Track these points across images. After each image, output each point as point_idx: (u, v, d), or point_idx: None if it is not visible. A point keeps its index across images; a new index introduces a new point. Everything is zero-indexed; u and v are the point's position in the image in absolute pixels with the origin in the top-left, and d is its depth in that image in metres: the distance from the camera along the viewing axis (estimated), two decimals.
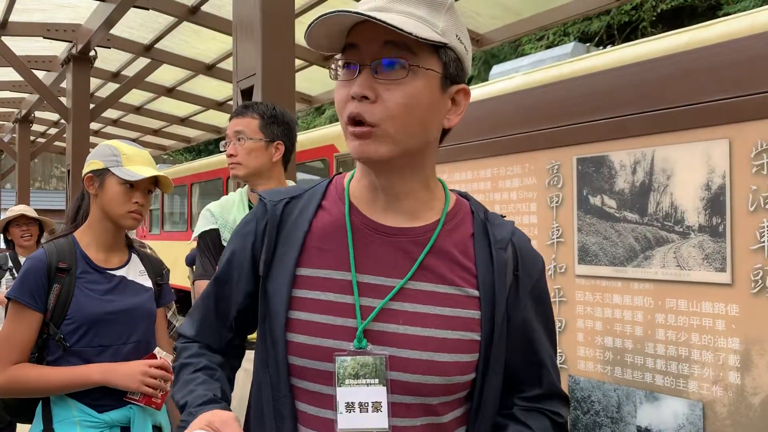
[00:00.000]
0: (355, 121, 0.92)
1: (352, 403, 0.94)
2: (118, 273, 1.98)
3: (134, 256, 2.07)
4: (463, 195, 1.11)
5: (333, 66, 0.96)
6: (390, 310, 0.96)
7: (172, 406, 2.20)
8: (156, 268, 2.11)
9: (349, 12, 0.87)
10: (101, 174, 1.94)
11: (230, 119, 2.21)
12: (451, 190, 1.09)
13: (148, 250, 3.01)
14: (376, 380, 0.94)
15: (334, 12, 0.88)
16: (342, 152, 3.48)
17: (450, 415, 0.99)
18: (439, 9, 0.94)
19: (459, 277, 0.99)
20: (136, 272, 2.03)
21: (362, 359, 0.94)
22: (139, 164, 1.93)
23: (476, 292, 0.98)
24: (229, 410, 0.98)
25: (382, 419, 0.93)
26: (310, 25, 0.91)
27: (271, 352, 0.99)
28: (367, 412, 0.94)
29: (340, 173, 1.11)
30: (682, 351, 1.25)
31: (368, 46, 0.92)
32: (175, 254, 7.53)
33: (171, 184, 2.03)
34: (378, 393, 0.94)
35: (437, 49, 0.93)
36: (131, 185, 1.92)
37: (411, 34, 0.87)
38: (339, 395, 0.94)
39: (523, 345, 1.04)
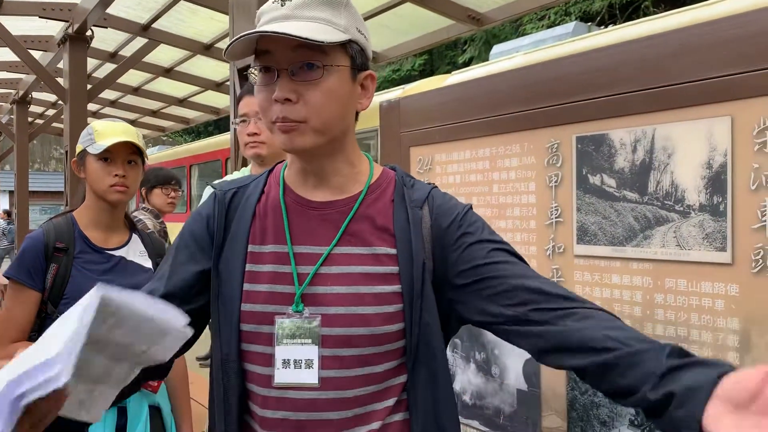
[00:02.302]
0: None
1: (287, 360, 1.06)
2: (117, 253, 1.98)
3: (135, 236, 2.07)
4: (392, 168, 1.21)
5: (252, 72, 1.07)
6: (321, 275, 1.08)
7: (173, 389, 2.20)
8: (158, 249, 2.11)
9: (266, 32, 0.98)
10: (82, 156, 1.95)
11: (241, 98, 2.15)
12: (384, 165, 1.22)
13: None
14: (310, 340, 1.06)
15: (253, 32, 1.00)
16: None
17: (385, 365, 1.08)
18: (339, 8, 1.05)
19: (378, 238, 1.10)
20: (136, 252, 2.03)
21: (298, 321, 1.06)
22: (110, 137, 1.91)
23: (393, 250, 1.09)
24: None
25: (312, 375, 1.06)
26: (229, 45, 1.02)
27: (224, 322, 1.10)
28: (300, 368, 1.06)
29: (281, 161, 1.23)
30: (681, 331, 1.24)
31: (282, 52, 1.02)
32: (174, 236, 7.52)
33: (144, 148, 2.00)
34: (311, 351, 1.06)
35: (343, 45, 1.05)
36: (107, 159, 1.92)
37: (323, 42, 0.99)
38: (277, 353, 1.07)
39: (484, 275, 1.05)
